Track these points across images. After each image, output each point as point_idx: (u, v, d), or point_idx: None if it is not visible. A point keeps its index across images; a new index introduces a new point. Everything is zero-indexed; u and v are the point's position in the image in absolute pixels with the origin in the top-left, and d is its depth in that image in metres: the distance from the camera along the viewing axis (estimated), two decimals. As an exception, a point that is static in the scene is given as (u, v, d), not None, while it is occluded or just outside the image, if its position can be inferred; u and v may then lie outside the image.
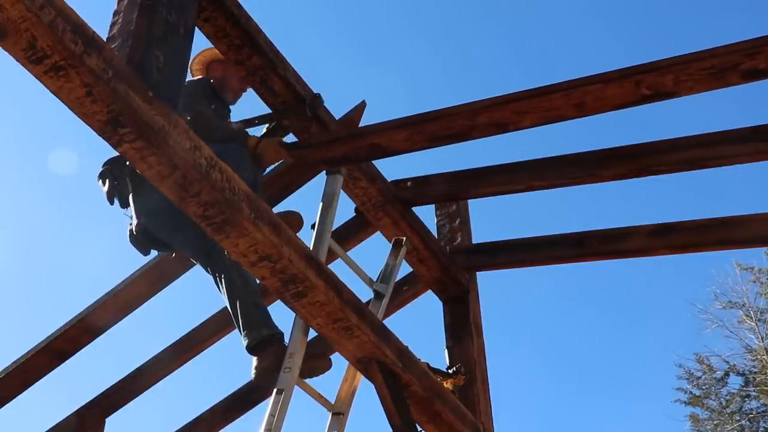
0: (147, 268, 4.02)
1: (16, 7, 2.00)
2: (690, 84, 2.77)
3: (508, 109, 3.03)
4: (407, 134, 3.23)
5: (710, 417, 20.87)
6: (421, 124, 3.19)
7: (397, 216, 3.93)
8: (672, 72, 2.76)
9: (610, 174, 3.67)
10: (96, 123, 2.29)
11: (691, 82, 2.77)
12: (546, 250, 4.16)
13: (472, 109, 3.08)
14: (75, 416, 4.75)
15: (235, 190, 2.57)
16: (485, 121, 3.09)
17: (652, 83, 2.81)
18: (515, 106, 3.02)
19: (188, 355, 4.56)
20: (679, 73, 2.76)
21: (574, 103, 2.94)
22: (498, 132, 3.13)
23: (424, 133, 3.20)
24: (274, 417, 2.79)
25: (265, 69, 3.29)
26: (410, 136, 3.23)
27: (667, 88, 2.81)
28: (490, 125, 3.10)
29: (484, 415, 3.83)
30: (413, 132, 3.21)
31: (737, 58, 2.68)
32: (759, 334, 20.90)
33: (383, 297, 3.38)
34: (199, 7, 2.87)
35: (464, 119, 3.10)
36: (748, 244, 4.03)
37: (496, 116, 3.06)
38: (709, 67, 2.72)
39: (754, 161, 3.44)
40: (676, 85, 2.79)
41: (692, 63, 2.74)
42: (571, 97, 2.93)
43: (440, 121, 3.16)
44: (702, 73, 2.74)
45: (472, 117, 3.09)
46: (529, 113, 3.02)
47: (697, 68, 2.74)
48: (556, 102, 2.96)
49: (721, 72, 2.71)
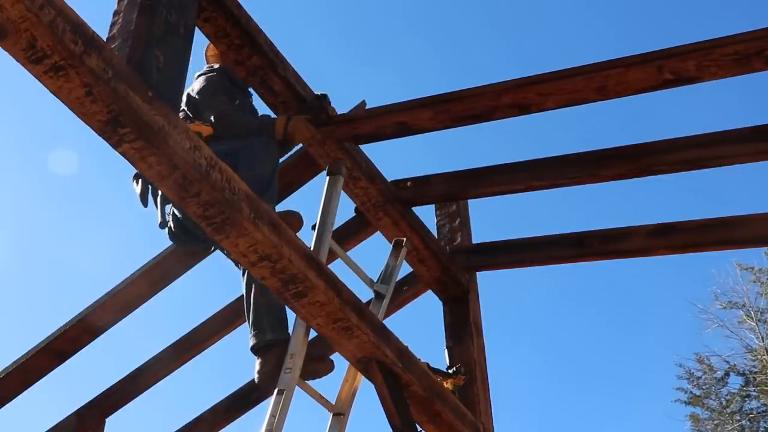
0: (147, 268, 4.02)
1: (16, 7, 2.00)
2: (713, 69, 2.78)
3: (532, 91, 3.07)
4: (432, 113, 3.28)
5: (710, 417, 20.87)
6: (446, 103, 3.24)
7: (397, 216, 3.93)
8: (695, 57, 2.77)
9: (610, 174, 3.67)
10: (96, 123, 2.29)
11: (714, 67, 2.77)
12: (546, 250, 4.16)
13: (496, 90, 3.12)
14: (75, 416, 4.75)
15: (235, 190, 2.57)
16: (508, 102, 3.13)
17: (674, 68, 2.82)
18: (538, 88, 3.05)
19: (188, 355, 4.57)
20: (702, 58, 2.76)
21: (596, 86, 2.97)
22: (521, 113, 3.17)
23: (449, 113, 3.26)
24: (275, 417, 2.79)
25: (265, 69, 3.29)
26: (435, 115, 3.28)
27: (690, 73, 2.81)
28: (513, 106, 3.15)
29: (484, 415, 3.83)
30: (438, 111, 3.27)
31: (762, 44, 2.68)
32: (759, 334, 20.90)
33: (383, 297, 3.38)
34: (199, 7, 2.87)
35: (488, 100, 3.15)
36: (748, 244, 4.02)
37: (520, 98, 3.11)
38: (732, 53, 2.71)
39: (754, 161, 3.44)
40: (699, 70, 2.79)
41: (715, 49, 2.74)
42: (593, 80, 2.96)
43: (464, 101, 3.21)
44: (725, 59, 2.75)
45: (495, 98, 3.13)
46: (552, 95, 3.05)
47: (721, 54, 2.74)
48: (579, 85, 2.99)
49: (745, 58, 2.71)
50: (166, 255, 3.98)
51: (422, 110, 3.30)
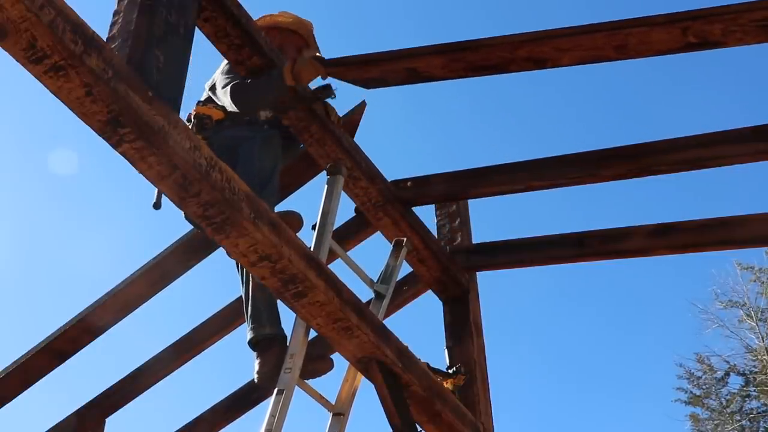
0: (147, 268, 4.03)
1: (16, 7, 2.00)
2: (739, 35, 2.70)
3: (549, 45, 2.97)
4: (445, 61, 3.16)
5: (710, 417, 20.88)
6: (460, 52, 3.11)
7: (397, 216, 3.93)
8: (722, 21, 2.68)
9: (610, 174, 3.67)
10: (96, 123, 2.29)
11: (740, 33, 2.69)
12: (546, 250, 4.16)
13: (513, 41, 3.01)
14: (75, 416, 4.75)
15: (235, 190, 2.57)
16: (524, 55, 3.03)
17: (699, 31, 2.73)
18: (556, 43, 2.96)
19: (188, 355, 4.57)
20: (729, 23, 2.68)
21: (616, 44, 2.87)
22: (536, 67, 3.07)
23: (462, 62, 3.14)
24: (275, 417, 2.79)
25: (265, 69, 3.28)
26: (448, 63, 3.16)
27: (715, 37, 2.73)
28: (528, 60, 3.04)
29: (484, 415, 3.83)
30: (451, 59, 3.15)
31: None
32: (759, 334, 20.91)
33: (384, 297, 3.38)
34: (199, 7, 2.86)
35: (504, 51, 3.03)
36: (748, 244, 4.02)
37: (536, 51, 3.01)
38: (761, 19, 2.64)
39: (754, 161, 3.44)
40: (725, 35, 2.71)
41: (744, 13, 2.65)
42: (615, 38, 2.86)
43: (479, 51, 3.09)
44: (753, 25, 2.66)
45: (511, 50, 3.02)
46: (569, 51, 2.96)
47: (749, 19, 2.65)
48: (599, 41, 2.89)
49: None
50: (166, 255, 3.99)
51: (435, 57, 3.16)
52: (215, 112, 3.43)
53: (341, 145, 3.60)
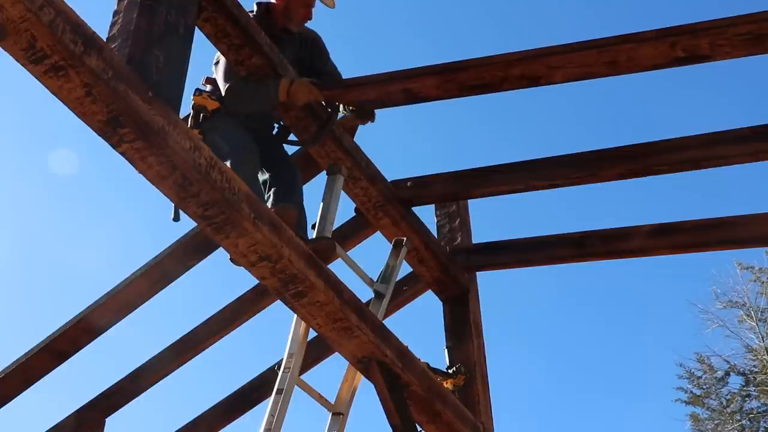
0: (147, 268, 4.03)
1: (16, 7, 2.01)
2: (727, 49, 2.75)
3: (542, 63, 3.02)
4: (439, 81, 3.22)
5: (711, 416, 20.86)
6: (454, 72, 3.17)
7: (397, 216, 3.93)
8: (709, 35, 2.74)
9: (610, 174, 3.67)
10: (96, 123, 2.29)
11: (728, 47, 2.74)
12: (546, 250, 4.16)
13: (506, 60, 3.06)
14: (75, 416, 4.75)
15: (235, 190, 2.57)
16: (518, 73, 3.07)
17: (687, 46, 2.78)
18: (548, 60, 3.00)
19: (188, 355, 4.56)
20: (716, 37, 2.73)
21: (607, 60, 2.92)
22: (529, 85, 3.11)
23: (456, 82, 3.19)
24: (274, 417, 2.80)
25: (265, 69, 3.28)
26: (442, 83, 3.22)
27: (703, 51, 2.78)
28: (522, 78, 3.09)
29: (484, 415, 3.83)
30: (445, 80, 3.20)
31: None
32: (759, 334, 20.88)
33: (383, 297, 3.38)
34: (199, 7, 2.87)
35: (497, 70, 3.09)
36: (749, 244, 4.03)
37: (529, 69, 3.05)
38: (745, 33, 2.68)
39: (754, 161, 3.44)
40: (712, 49, 2.76)
41: (729, 27, 2.70)
42: (605, 54, 2.91)
43: (473, 70, 3.15)
44: (739, 39, 2.71)
45: (504, 68, 3.08)
46: (561, 68, 3.00)
47: (734, 33, 2.70)
48: (590, 58, 2.94)
49: (758, 38, 2.68)
50: (166, 255, 3.99)
51: (429, 78, 3.23)
52: (210, 103, 3.43)
53: (341, 145, 3.60)
